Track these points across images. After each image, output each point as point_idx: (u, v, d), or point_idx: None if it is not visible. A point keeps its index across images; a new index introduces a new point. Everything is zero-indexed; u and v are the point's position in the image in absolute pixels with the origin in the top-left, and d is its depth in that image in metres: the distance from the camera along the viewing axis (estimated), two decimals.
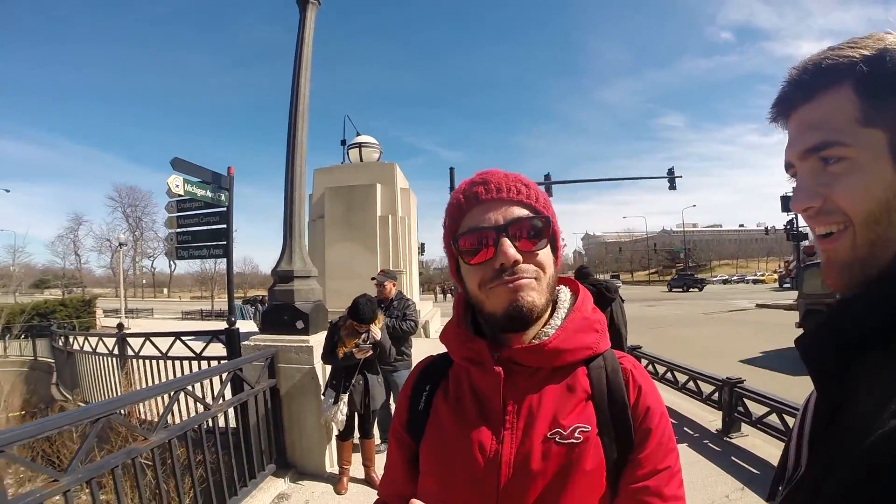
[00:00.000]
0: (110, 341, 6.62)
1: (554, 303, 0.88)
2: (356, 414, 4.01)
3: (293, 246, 4.80)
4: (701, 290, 47.72)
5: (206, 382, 3.81)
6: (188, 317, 33.45)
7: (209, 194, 5.88)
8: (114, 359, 6.44)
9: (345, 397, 3.83)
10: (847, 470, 0.47)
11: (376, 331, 3.83)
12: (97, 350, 7.02)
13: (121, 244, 33.73)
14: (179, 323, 26.52)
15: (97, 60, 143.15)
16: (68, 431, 4.62)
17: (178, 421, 3.19)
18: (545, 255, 0.83)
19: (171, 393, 3.03)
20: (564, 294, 0.91)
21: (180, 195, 5.65)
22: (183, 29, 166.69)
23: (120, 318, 22.93)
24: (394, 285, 4.96)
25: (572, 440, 0.76)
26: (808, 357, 0.58)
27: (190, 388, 3.20)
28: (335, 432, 4.07)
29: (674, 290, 50.27)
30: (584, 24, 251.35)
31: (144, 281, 78.91)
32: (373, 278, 4.99)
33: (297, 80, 5.00)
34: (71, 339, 9.02)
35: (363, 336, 3.80)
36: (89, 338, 7.90)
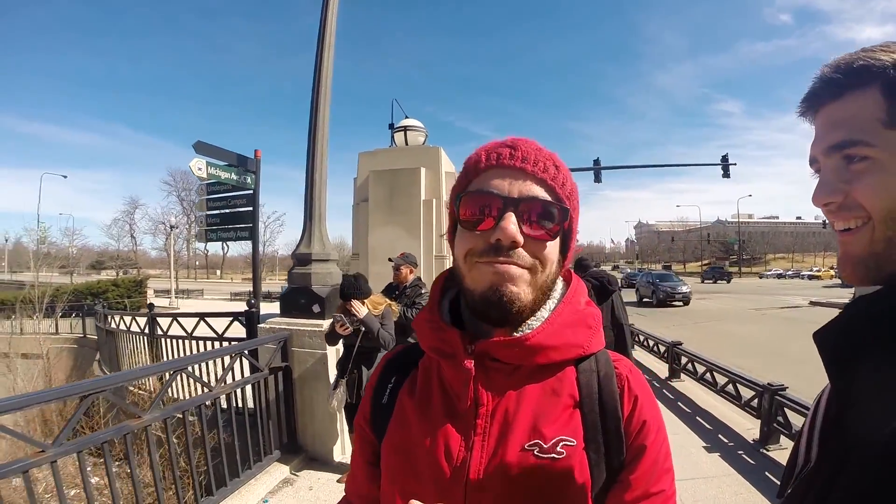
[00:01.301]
0: (143, 321, 6.79)
1: None
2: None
3: (312, 228, 4.74)
4: (728, 282, 50.92)
5: (225, 362, 3.72)
6: (237, 297, 34.28)
7: (234, 177, 5.92)
8: (144, 337, 6.61)
9: (343, 383, 3.71)
10: (862, 464, 0.48)
11: (359, 308, 3.60)
12: (130, 329, 7.23)
13: (172, 227, 35.16)
14: (227, 304, 27.39)
15: (154, 51, 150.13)
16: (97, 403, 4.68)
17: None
18: (551, 248, 0.72)
19: (171, 372, 3.00)
20: (556, 284, 0.79)
21: (203, 178, 5.71)
22: (236, 19, 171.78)
23: (170, 297, 23.96)
24: (411, 271, 4.62)
25: (554, 454, 0.67)
26: (824, 350, 0.58)
27: (191, 368, 3.17)
28: (346, 423, 3.97)
29: (705, 281, 52.72)
30: (640, 4, 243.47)
31: (198, 262, 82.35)
32: (389, 259, 4.67)
33: (320, 61, 4.91)
34: (108, 318, 9.37)
35: (353, 316, 3.63)
36: (124, 317, 8.17)
